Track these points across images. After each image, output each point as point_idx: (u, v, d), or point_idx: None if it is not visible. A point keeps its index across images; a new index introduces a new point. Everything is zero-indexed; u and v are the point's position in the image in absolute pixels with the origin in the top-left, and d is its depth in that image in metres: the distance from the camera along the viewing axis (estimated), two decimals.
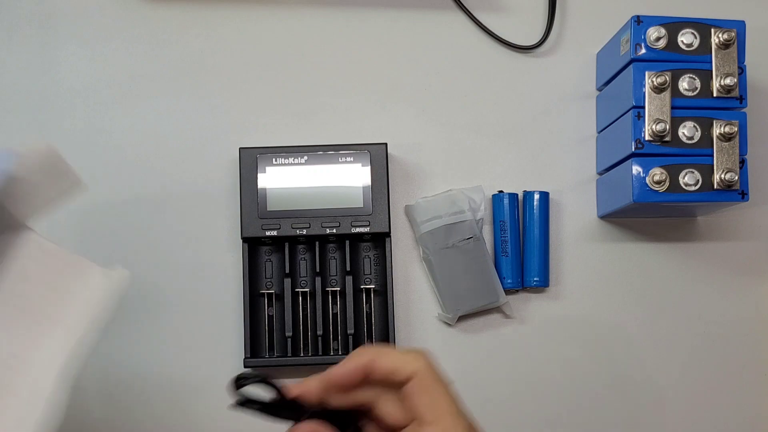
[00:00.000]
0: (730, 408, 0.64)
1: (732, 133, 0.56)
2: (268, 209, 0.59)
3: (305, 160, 0.60)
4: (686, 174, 0.57)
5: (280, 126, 0.64)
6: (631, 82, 0.57)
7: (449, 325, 0.63)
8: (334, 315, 0.61)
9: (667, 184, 0.56)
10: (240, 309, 0.60)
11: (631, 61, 0.58)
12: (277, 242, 0.62)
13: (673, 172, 0.57)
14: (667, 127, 0.56)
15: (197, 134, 0.64)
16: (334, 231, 0.59)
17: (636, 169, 0.57)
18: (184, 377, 0.61)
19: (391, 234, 0.61)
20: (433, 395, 0.42)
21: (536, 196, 0.63)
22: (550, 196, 0.64)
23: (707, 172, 0.57)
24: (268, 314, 0.61)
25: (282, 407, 0.40)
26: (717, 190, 0.57)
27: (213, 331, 0.62)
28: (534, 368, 0.63)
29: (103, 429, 0.61)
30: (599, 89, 0.65)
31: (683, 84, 0.57)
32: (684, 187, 0.56)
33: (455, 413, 0.42)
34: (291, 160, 0.60)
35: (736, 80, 0.57)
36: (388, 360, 0.42)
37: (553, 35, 0.66)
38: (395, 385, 0.41)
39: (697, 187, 0.56)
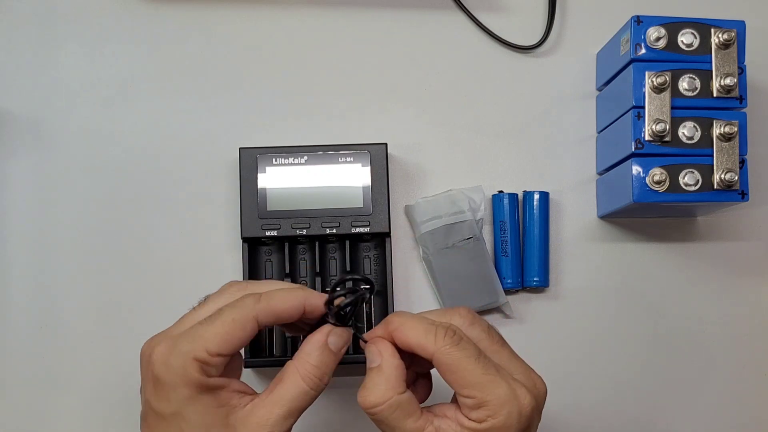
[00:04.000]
0: (730, 408, 0.64)
1: (732, 133, 0.56)
2: (268, 209, 0.59)
3: (305, 160, 0.60)
4: (686, 174, 0.57)
5: (280, 126, 0.64)
6: (631, 82, 0.57)
7: None
8: None
9: (667, 184, 0.56)
10: None
11: (631, 61, 0.58)
12: (277, 242, 0.62)
13: (673, 172, 0.57)
14: (667, 127, 0.56)
15: (197, 134, 0.64)
16: (334, 231, 0.59)
17: (636, 169, 0.57)
18: None
19: (391, 234, 0.61)
20: (457, 374, 0.42)
21: (536, 196, 0.63)
22: (550, 196, 0.64)
23: (707, 172, 0.57)
24: None
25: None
26: (717, 190, 0.57)
27: None
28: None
29: None
30: (599, 89, 0.65)
31: (683, 84, 0.57)
32: (684, 187, 0.56)
33: (486, 383, 0.42)
34: (291, 160, 0.60)
35: (736, 80, 0.57)
36: (408, 337, 0.43)
37: (553, 35, 0.66)
38: None
39: (697, 187, 0.56)
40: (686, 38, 0.57)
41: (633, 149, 0.57)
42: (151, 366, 0.42)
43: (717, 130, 0.57)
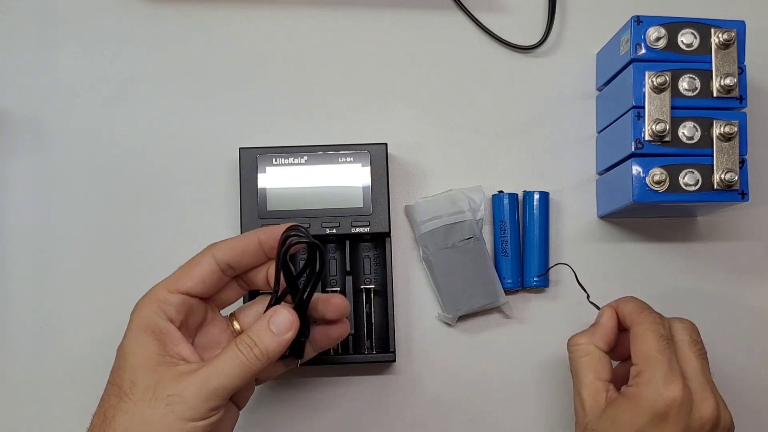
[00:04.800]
0: (730, 408, 0.64)
1: (732, 133, 0.56)
2: (268, 209, 0.59)
3: (305, 160, 0.60)
4: (686, 174, 0.57)
5: (280, 126, 0.64)
6: (631, 82, 0.57)
7: (449, 325, 0.63)
8: None
9: (667, 184, 0.56)
10: None
11: (631, 61, 0.58)
12: None
13: (673, 172, 0.57)
14: (667, 127, 0.56)
15: (197, 134, 0.64)
16: (334, 231, 0.59)
17: (636, 169, 0.57)
18: None
19: (391, 234, 0.61)
20: (636, 341, 0.49)
21: (536, 196, 0.63)
22: (550, 196, 0.64)
23: (707, 172, 0.57)
24: None
25: None
26: (717, 190, 0.57)
27: None
28: (534, 368, 0.63)
29: None
30: (599, 89, 0.65)
31: (683, 84, 0.57)
32: (684, 187, 0.56)
33: (652, 358, 0.48)
34: (291, 160, 0.60)
35: (736, 80, 0.57)
36: (625, 307, 0.52)
37: (553, 35, 0.66)
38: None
39: (697, 187, 0.56)
40: (686, 38, 0.57)
41: (633, 149, 0.57)
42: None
43: (717, 130, 0.57)
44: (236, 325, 0.50)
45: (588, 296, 0.57)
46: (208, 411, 0.44)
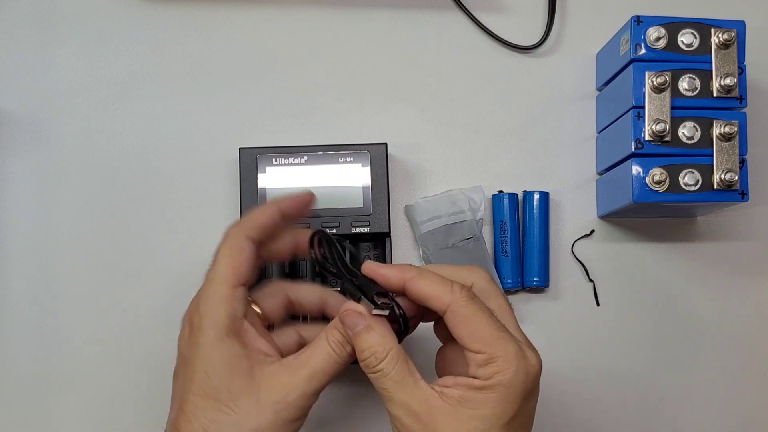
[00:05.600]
0: (730, 408, 0.64)
1: (732, 133, 0.56)
2: None
3: (305, 160, 0.60)
4: (686, 174, 0.57)
5: (280, 126, 0.64)
6: (631, 82, 0.57)
7: None
8: None
9: (667, 184, 0.56)
10: None
11: (631, 61, 0.58)
12: None
13: (673, 172, 0.57)
14: (667, 127, 0.56)
15: (197, 134, 0.64)
16: (335, 231, 0.59)
17: (636, 169, 0.57)
18: None
19: (391, 234, 0.61)
20: (470, 327, 0.43)
21: (536, 196, 0.63)
22: (550, 196, 0.64)
23: (707, 172, 0.57)
24: None
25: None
26: (717, 190, 0.57)
27: None
28: None
29: None
30: (599, 89, 0.65)
31: (683, 84, 0.57)
32: (684, 187, 0.57)
33: (498, 339, 0.42)
34: (291, 160, 0.60)
35: (736, 80, 0.57)
36: (423, 288, 0.44)
37: (553, 35, 0.66)
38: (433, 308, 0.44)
39: (697, 187, 0.56)
40: (686, 38, 0.57)
41: (633, 149, 0.57)
42: (187, 317, 0.46)
43: (717, 130, 0.57)
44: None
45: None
46: (307, 409, 0.45)
